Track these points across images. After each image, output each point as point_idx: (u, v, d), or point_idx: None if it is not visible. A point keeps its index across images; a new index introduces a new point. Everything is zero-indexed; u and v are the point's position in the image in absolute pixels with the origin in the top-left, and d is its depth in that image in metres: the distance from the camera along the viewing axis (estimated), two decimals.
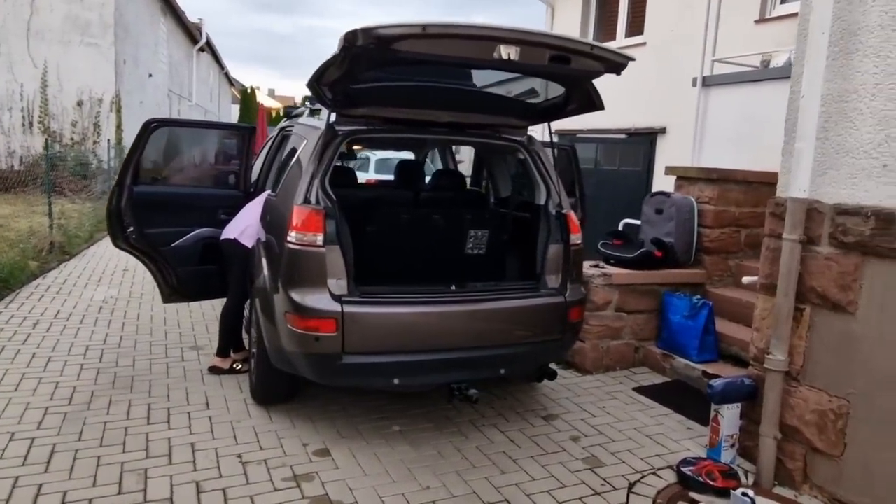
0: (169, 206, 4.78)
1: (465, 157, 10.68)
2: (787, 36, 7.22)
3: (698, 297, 5.06)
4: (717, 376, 4.60)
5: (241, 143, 5.03)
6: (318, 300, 3.41)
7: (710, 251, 5.46)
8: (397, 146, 8.11)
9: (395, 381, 3.53)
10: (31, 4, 14.49)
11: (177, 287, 4.87)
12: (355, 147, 8.11)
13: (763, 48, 7.23)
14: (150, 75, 19.00)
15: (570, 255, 3.99)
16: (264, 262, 3.90)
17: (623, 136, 10.30)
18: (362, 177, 10.79)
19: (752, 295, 5.11)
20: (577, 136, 10.58)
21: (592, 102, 3.73)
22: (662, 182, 9.11)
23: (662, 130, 9.63)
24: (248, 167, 5.06)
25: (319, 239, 3.44)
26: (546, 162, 4.20)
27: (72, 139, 14.86)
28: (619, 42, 10.49)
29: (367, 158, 16.62)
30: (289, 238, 3.48)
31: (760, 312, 3.62)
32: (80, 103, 14.88)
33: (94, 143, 14.86)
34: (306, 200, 3.53)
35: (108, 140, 14.77)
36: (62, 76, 14.74)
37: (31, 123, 14.62)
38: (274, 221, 3.91)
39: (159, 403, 4.15)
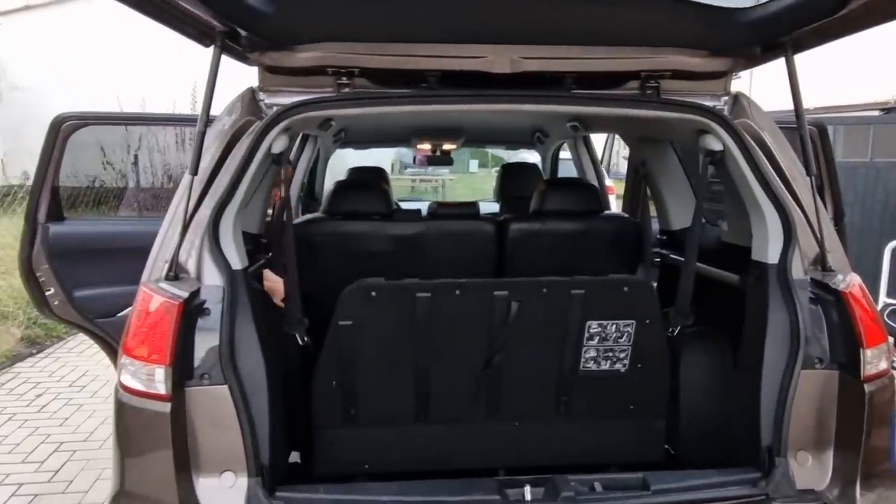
0: (115, 252, 2.99)
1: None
2: None
3: None
4: None
5: None
6: None
7: None
8: (405, 136, 3.79)
9: None
10: None
11: None
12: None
13: None
14: None
15: (863, 407, 1.47)
16: None
17: (877, 111, 7.28)
18: None
19: None
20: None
21: None
22: None
23: None
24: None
25: (160, 376, 1.36)
26: (783, 157, 1.72)
27: None
28: None
29: None
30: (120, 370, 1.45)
31: None
32: None
33: None
34: (170, 272, 1.49)
35: None
36: None
37: None
38: None
39: None
